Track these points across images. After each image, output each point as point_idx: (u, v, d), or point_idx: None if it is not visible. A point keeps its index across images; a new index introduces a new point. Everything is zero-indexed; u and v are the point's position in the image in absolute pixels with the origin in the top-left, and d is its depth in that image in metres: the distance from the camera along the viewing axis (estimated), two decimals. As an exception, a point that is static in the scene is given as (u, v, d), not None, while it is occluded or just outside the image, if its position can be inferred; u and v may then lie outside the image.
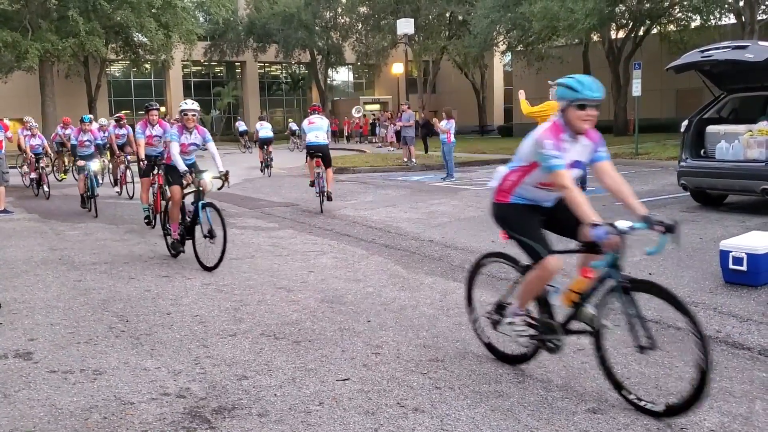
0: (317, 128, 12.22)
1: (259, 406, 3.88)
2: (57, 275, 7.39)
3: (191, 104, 8.29)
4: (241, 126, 37.35)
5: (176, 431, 3.58)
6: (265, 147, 20.99)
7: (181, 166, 7.84)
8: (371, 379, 4.24)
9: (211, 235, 7.51)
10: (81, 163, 12.88)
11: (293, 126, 35.67)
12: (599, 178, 4.04)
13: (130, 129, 16.29)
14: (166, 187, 8.70)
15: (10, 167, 14.15)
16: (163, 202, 9.33)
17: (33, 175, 16.38)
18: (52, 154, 19.00)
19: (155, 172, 10.84)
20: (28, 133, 16.12)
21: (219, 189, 7.94)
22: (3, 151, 12.99)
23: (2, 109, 34.96)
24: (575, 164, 4.02)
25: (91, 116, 15.13)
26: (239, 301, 6.16)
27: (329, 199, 11.97)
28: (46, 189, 15.67)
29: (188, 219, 8.03)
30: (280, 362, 4.58)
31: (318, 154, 12.04)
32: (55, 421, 3.72)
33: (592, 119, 3.90)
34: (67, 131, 18.97)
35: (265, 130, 22.18)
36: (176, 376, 4.36)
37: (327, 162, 12.07)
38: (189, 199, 8.08)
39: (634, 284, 3.86)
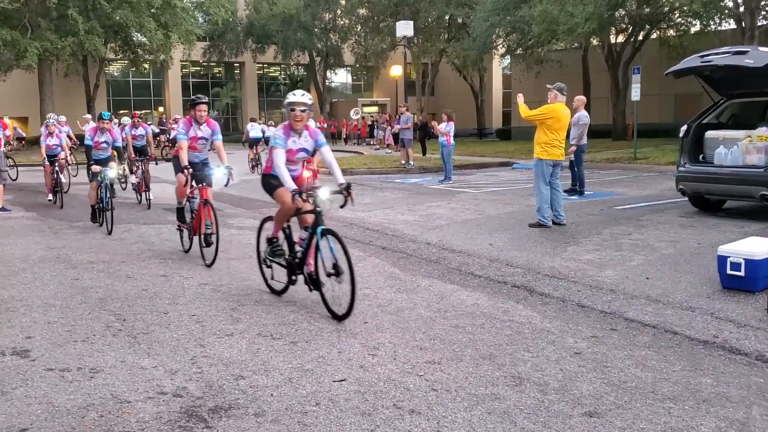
0: None
1: (256, 406, 3.87)
2: (54, 273, 7.38)
3: (301, 96, 6.10)
4: (252, 128, 37.12)
5: (173, 430, 3.58)
6: (255, 147, 22.82)
7: (290, 184, 5.82)
8: (368, 381, 4.23)
9: (337, 272, 5.51)
10: (96, 168, 10.72)
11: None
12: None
13: (148, 128, 15.89)
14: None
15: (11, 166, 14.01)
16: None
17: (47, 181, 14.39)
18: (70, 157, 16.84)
19: (199, 184, 8.28)
20: (45, 131, 14.35)
21: (342, 207, 5.98)
22: (2, 149, 12.97)
23: (1, 108, 34.94)
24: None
25: (110, 113, 13.70)
26: (236, 301, 6.15)
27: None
28: (50, 198, 14.09)
29: (299, 251, 6.10)
30: (277, 362, 4.57)
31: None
32: (51, 419, 3.72)
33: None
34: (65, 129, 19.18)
35: (254, 131, 24.04)
36: (173, 376, 4.35)
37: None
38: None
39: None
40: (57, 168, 14.01)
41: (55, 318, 5.65)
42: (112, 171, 10.70)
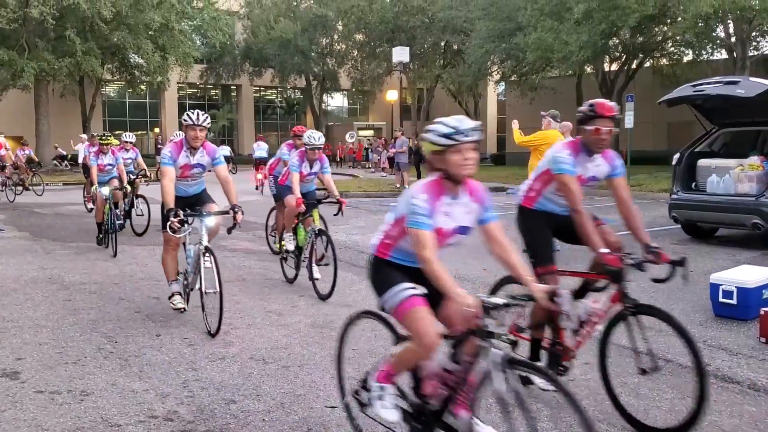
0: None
1: (247, 431, 3.85)
2: (46, 294, 7.34)
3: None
4: (258, 148, 37.02)
5: (163, 455, 3.55)
6: (261, 167, 23.23)
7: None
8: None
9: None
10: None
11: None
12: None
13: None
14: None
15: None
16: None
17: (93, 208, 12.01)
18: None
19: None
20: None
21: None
22: None
23: (-4, 127, 34.92)
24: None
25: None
26: (229, 324, 6.13)
27: None
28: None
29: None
30: (269, 387, 4.55)
31: None
32: (40, 442, 3.69)
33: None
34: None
35: (260, 151, 25.37)
36: (164, 399, 4.32)
37: None
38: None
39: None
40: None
41: (46, 339, 5.62)
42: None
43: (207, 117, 6.26)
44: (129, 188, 11.78)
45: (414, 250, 3.20)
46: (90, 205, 16.64)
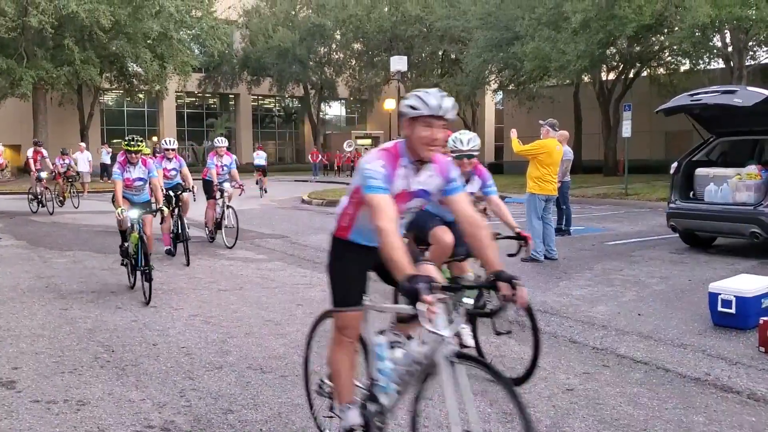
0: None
1: (245, 441, 3.82)
2: (43, 303, 7.31)
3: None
4: (258, 158, 36.96)
5: (159, 465, 3.52)
6: (259, 172, 25.50)
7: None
8: (359, 416, 4.18)
9: None
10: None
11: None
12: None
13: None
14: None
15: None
16: None
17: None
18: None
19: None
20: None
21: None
22: None
23: (-6, 135, 34.92)
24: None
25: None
26: (226, 333, 6.10)
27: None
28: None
29: None
30: (267, 397, 4.53)
31: None
32: (36, 452, 3.66)
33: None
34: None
35: (260, 159, 26.84)
36: (161, 409, 4.30)
37: None
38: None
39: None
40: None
41: (42, 348, 5.59)
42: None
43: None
44: (166, 210, 9.10)
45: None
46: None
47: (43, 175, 18.17)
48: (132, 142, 8.36)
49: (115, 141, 45.36)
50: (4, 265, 9.77)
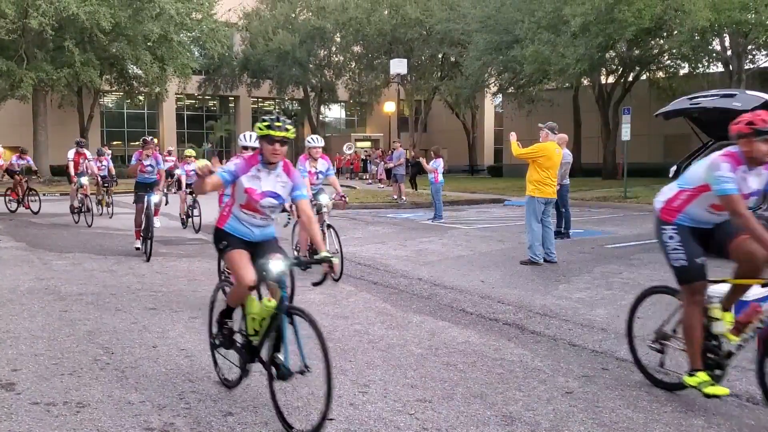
0: None
1: (245, 443, 3.83)
2: (43, 305, 7.31)
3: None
4: None
5: (159, 467, 3.52)
6: None
7: None
8: (358, 419, 4.20)
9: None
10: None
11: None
12: None
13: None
14: None
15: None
16: None
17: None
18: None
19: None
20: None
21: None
22: None
23: (-6, 137, 34.91)
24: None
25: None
26: (226, 336, 6.10)
27: None
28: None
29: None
30: (266, 399, 4.52)
31: None
32: (35, 454, 3.66)
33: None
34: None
35: None
36: (161, 411, 4.30)
37: None
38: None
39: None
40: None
41: (42, 350, 5.59)
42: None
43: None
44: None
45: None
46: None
47: (84, 180, 16.05)
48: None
49: (115, 143, 45.40)
50: (3, 267, 9.77)
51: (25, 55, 31.41)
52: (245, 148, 7.19)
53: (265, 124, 4.33)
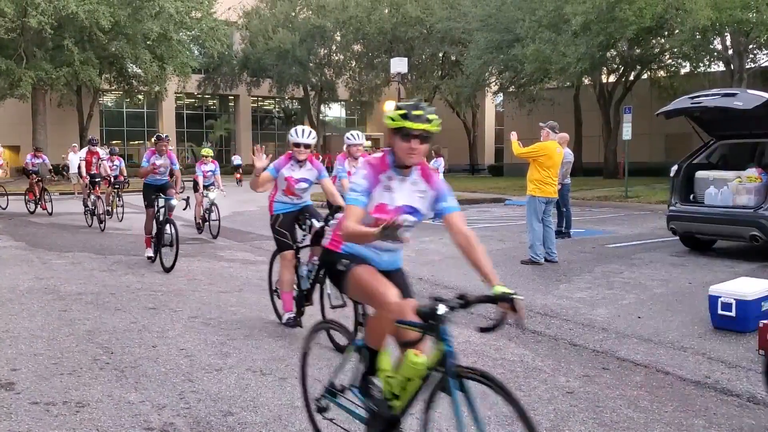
0: None
1: (244, 443, 3.81)
2: (42, 305, 7.30)
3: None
4: (235, 160, 37.40)
5: (159, 468, 3.51)
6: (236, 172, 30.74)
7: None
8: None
9: None
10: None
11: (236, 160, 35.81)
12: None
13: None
14: None
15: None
16: None
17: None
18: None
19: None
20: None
21: None
22: None
23: (-7, 136, 34.94)
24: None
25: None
26: (226, 336, 6.09)
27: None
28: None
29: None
30: (266, 399, 4.52)
31: None
32: (34, 454, 3.65)
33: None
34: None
35: (236, 159, 33.55)
36: (160, 411, 4.29)
37: None
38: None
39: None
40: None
41: (41, 350, 5.58)
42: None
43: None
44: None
45: None
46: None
47: (98, 180, 15.85)
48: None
49: (114, 142, 45.37)
50: (2, 267, 9.76)
51: (24, 54, 31.41)
52: (297, 145, 6.39)
53: (401, 112, 3.23)
